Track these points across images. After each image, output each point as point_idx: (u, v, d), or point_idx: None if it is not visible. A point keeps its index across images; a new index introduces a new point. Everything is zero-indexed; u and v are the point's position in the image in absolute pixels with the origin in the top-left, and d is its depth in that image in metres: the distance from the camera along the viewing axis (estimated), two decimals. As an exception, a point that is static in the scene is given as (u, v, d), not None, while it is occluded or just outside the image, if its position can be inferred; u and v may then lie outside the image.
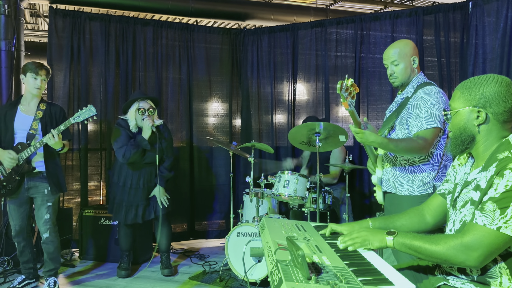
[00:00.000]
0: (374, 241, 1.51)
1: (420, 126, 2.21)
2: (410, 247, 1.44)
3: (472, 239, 1.34)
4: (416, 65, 2.37)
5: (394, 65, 2.36)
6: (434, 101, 2.20)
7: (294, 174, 3.47)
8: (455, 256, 1.35)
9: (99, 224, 4.08)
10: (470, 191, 1.46)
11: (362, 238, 1.53)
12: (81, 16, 4.44)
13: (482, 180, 1.41)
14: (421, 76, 2.40)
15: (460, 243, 1.35)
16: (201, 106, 5.00)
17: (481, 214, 1.35)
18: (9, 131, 3.16)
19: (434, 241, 1.40)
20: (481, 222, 1.34)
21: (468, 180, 1.51)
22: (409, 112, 2.28)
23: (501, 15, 3.75)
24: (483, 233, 1.32)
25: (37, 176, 3.16)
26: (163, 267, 3.72)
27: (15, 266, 3.65)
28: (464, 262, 1.35)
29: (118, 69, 4.58)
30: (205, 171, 4.95)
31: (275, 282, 1.17)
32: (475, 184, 1.44)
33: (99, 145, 4.55)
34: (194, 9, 4.88)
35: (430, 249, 1.39)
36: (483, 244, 1.32)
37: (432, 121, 2.19)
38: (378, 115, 4.51)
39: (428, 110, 2.20)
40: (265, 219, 1.89)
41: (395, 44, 2.39)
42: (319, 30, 4.75)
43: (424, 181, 2.26)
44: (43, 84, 3.19)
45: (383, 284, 1.19)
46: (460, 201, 1.52)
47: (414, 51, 2.37)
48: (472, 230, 1.35)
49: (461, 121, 1.49)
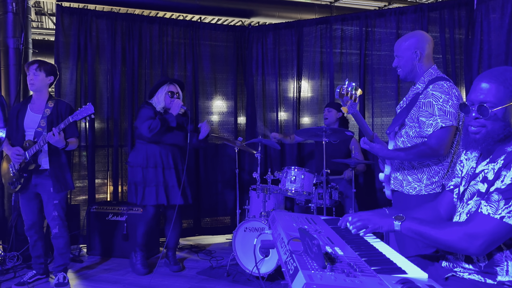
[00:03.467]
0: (383, 225, 1.55)
1: (435, 125, 2.13)
2: (416, 232, 1.48)
3: (475, 227, 1.37)
4: (420, 59, 2.28)
5: (397, 57, 2.34)
6: (446, 98, 2.12)
7: (301, 169, 3.50)
8: (459, 243, 1.39)
9: (106, 220, 4.12)
10: (477, 183, 1.48)
11: (372, 222, 1.57)
12: (87, 14, 4.47)
13: (490, 172, 1.43)
14: (433, 70, 2.30)
15: (464, 231, 1.39)
16: (206, 104, 5.03)
17: (486, 204, 1.38)
18: (20, 130, 3.20)
19: (440, 227, 1.44)
20: (485, 211, 1.37)
21: (476, 172, 1.52)
22: (420, 110, 2.20)
23: (506, 11, 3.76)
24: (487, 222, 1.36)
25: (43, 173, 3.19)
26: (171, 263, 3.73)
27: (24, 262, 3.69)
28: (467, 249, 1.39)
29: (125, 67, 4.61)
30: (211, 168, 4.98)
31: (291, 271, 1.19)
32: (483, 176, 1.46)
33: (106, 142, 4.58)
34: (200, 6, 4.90)
35: (435, 235, 1.43)
36: (486, 233, 1.35)
37: (447, 119, 2.11)
38: (383, 112, 4.53)
39: (441, 108, 2.12)
40: (275, 212, 1.92)
41: (403, 37, 2.35)
42: (324, 27, 4.77)
43: (432, 180, 2.21)
44: (36, 79, 3.16)
45: (397, 272, 1.22)
46: (467, 194, 1.54)
47: (420, 44, 2.27)
48: (476, 219, 1.39)
49: (507, 115, 1.43)
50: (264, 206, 3.57)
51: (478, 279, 1.46)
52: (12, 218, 3.81)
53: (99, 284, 3.40)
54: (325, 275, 1.10)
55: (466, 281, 1.48)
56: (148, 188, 3.60)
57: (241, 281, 3.37)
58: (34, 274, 3.36)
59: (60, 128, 3.04)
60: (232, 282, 3.36)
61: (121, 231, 4.06)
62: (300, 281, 1.07)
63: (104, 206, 4.17)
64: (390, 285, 1.08)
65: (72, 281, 3.41)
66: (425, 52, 2.28)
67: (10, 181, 3.23)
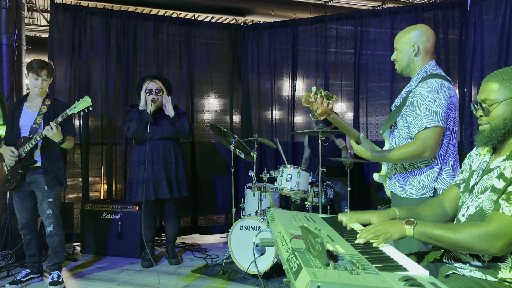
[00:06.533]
0: (395, 232, 1.49)
1: (420, 126, 2.03)
2: (431, 236, 1.45)
3: (498, 228, 1.37)
4: (417, 53, 2.17)
5: (395, 50, 2.25)
6: (433, 98, 2.01)
7: (297, 168, 3.52)
8: (479, 244, 1.38)
9: (100, 219, 4.10)
10: (492, 178, 1.49)
11: (383, 232, 1.50)
12: (82, 10, 4.43)
13: (508, 169, 1.43)
14: (429, 66, 2.18)
15: (486, 232, 1.38)
16: (202, 102, 5.02)
17: (508, 205, 1.38)
18: (15, 128, 3.19)
19: (457, 229, 1.42)
20: (508, 212, 1.37)
21: (490, 167, 1.53)
22: (408, 109, 2.12)
23: (499, 12, 3.81)
24: (510, 223, 1.36)
25: (38, 170, 3.18)
26: (170, 256, 3.85)
27: (17, 260, 3.66)
28: (488, 250, 1.39)
29: (119, 64, 4.58)
30: (207, 166, 4.98)
31: (294, 268, 1.20)
32: (499, 172, 1.47)
33: (99, 139, 4.56)
34: (195, 4, 4.89)
35: (453, 238, 1.41)
36: (509, 233, 1.36)
37: (432, 120, 2.01)
38: (377, 111, 4.56)
39: (427, 107, 2.02)
40: (274, 210, 1.93)
41: (404, 29, 2.24)
42: (319, 26, 4.78)
43: (423, 183, 2.12)
44: (45, 84, 3.20)
45: (398, 270, 1.23)
46: (478, 187, 1.54)
47: (418, 38, 2.16)
48: (498, 220, 1.38)
49: (506, 112, 1.48)
50: (260, 204, 3.58)
51: (479, 276, 1.48)
52: (5, 216, 3.78)
53: (94, 282, 3.38)
54: (329, 273, 1.11)
55: (467, 278, 1.50)
56: (139, 185, 3.68)
57: (237, 279, 3.38)
58: (28, 273, 3.34)
59: (57, 122, 3.04)
60: (227, 280, 3.37)
61: (116, 230, 4.04)
62: (305, 279, 1.07)
63: (98, 204, 4.15)
64: (393, 283, 1.09)
65: (66, 280, 3.39)
66: (423, 47, 2.17)
67: (5, 179, 3.20)
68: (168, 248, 3.90)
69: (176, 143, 3.84)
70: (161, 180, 3.69)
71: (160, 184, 3.69)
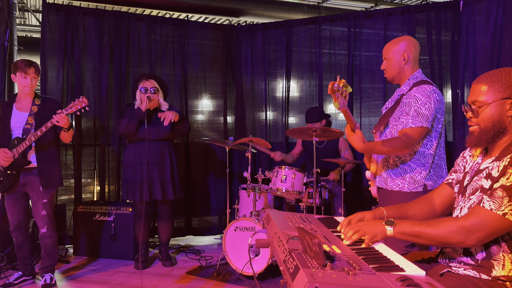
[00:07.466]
0: (378, 233, 1.51)
1: (405, 124, 2.23)
2: (411, 233, 1.49)
3: (475, 221, 1.41)
4: (408, 63, 2.37)
5: (385, 59, 2.43)
6: (425, 101, 2.21)
7: (292, 169, 3.52)
8: (456, 237, 1.42)
9: (93, 220, 4.07)
10: (481, 179, 1.52)
11: (367, 232, 1.51)
12: (74, 11, 4.40)
13: (495, 169, 1.47)
14: (418, 73, 2.40)
15: (463, 225, 1.42)
16: (195, 102, 5.00)
17: (489, 199, 1.42)
18: (6, 130, 3.15)
19: (435, 224, 1.46)
20: (488, 207, 1.41)
21: (480, 168, 1.56)
22: (401, 109, 2.31)
23: (491, 14, 3.85)
24: (488, 217, 1.40)
25: (32, 171, 3.15)
26: (164, 258, 3.82)
27: (9, 263, 3.61)
28: (464, 242, 1.43)
29: (112, 65, 4.55)
30: (201, 167, 4.96)
31: (291, 269, 1.20)
32: (487, 172, 1.50)
33: (92, 140, 4.52)
34: (189, 4, 4.88)
35: (431, 233, 1.45)
36: (485, 227, 1.40)
37: (418, 120, 2.21)
38: (370, 112, 4.58)
39: (416, 109, 2.21)
40: (270, 211, 1.93)
41: (392, 40, 2.44)
42: (313, 27, 4.79)
43: (415, 179, 2.29)
44: (34, 82, 3.17)
45: (395, 270, 1.23)
46: (470, 189, 1.57)
47: (408, 49, 2.36)
48: (477, 213, 1.42)
49: (495, 114, 1.51)
50: (254, 205, 3.57)
51: (473, 274, 1.50)
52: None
53: (87, 284, 3.35)
54: (326, 273, 1.11)
55: (461, 277, 1.51)
56: (134, 186, 3.67)
57: (231, 280, 3.37)
58: (20, 275, 3.30)
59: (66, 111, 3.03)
60: (222, 282, 3.35)
61: (109, 231, 4.01)
62: (302, 280, 1.07)
63: (91, 206, 4.12)
64: (391, 283, 1.09)
65: (59, 282, 3.36)
66: (412, 56, 2.37)
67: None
68: (162, 249, 3.88)
69: (170, 145, 3.83)
70: (155, 181, 3.68)
71: (154, 185, 3.68)
